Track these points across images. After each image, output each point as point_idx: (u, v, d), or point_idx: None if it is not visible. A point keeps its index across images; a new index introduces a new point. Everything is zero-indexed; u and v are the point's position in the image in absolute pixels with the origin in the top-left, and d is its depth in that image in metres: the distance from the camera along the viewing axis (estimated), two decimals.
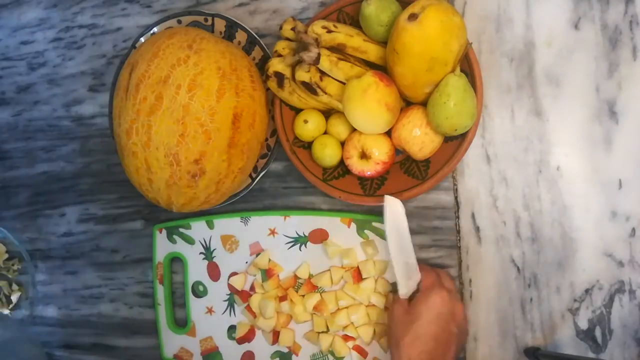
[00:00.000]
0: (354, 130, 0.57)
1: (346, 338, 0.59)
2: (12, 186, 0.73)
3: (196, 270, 0.64)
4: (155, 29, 0.64)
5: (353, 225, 0.60)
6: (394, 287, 0.58)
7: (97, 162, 0.70)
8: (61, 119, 0.71)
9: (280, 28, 0.57)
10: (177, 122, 0.51)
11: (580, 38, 0.58)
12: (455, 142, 0.56)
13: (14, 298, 0.72)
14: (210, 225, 0.63)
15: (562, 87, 0.58)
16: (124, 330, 0.69)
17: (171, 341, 0.64)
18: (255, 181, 0.61)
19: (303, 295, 0.60)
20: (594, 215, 0.57)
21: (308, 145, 0.60)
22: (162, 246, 0.65)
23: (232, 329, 0.63)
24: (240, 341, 0.62)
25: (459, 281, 0.59)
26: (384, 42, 0.55)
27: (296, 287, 0.61)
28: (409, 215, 0.60)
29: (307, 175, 0.58)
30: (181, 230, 0.64)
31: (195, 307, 0.64)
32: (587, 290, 0.57)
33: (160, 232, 0.65)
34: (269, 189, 0.64)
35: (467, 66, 0.54)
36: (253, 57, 0.62)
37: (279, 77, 0.56)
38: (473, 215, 0.59)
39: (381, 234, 0.59)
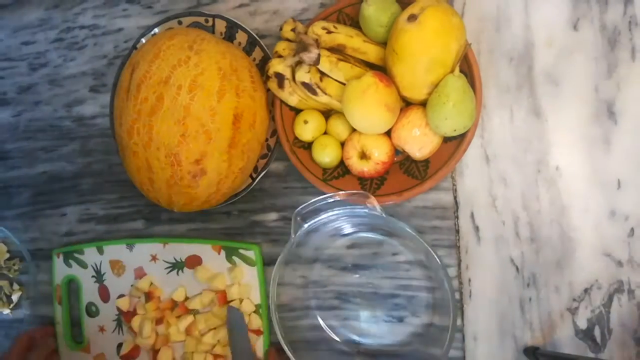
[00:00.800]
0: (353, 130, 0.57)
1: (216, 357, 0.63)
2: (13, 186, 0.73)
3: (89, 292, 0.69)
4: (156, 30, 0.64)
5: (223, 252, 0.64)
6: (257, 308, 0.63)
7: (98, 162, 0.70)
8: (62, 119, 0.71)
9: (281, 29, 0.57)
10: (178, 123, 0.51)
11: (579, 38, 0.58)
12: (454, 142, 0.56)
13: (15, 298, 0.72)
14: (100, 251, 0.68)
15: (561, 88, 0.58)
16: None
17: (69, 357, 0.69)
18: (256, 181, 0.62)
19: (179, 317, 0.65)
20: (592, 215, 0.57)
21: (308, 146, 0.60)
22: (60, 270, 0.70)
23: (120, 346, 0.67)
24: (125, 358, 0.66)
25: (458, 281, 0.59)
26: (383, 43, 0.55)
27: (173, 309, 0.65)
28: (410, 215, 0.60)
29: (307, 175, 0.58)
30: (76, 255, 0.69)
31: (89, 325, 0.69)
32: (586, 290, 0.57)
33: (58, 257, 0.70)
34: (269, 189, 0.64)
35: (466, 67, 0.54)
36: (253, 58, 0.62)
37: (279, 77, 0.56)
38: (472, 215, 0.60)
39: (247, 260, 0.63)
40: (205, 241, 0.64)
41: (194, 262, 0.65)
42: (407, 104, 0.57)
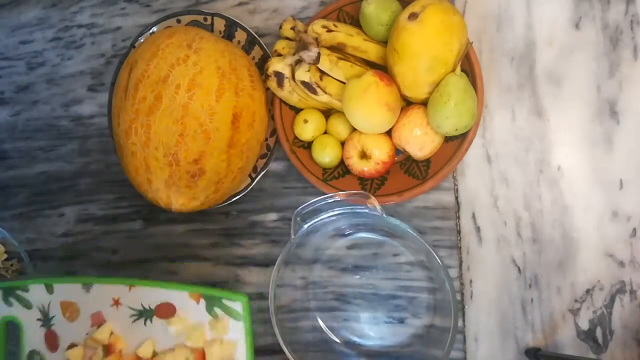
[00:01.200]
0: (354, 130, 0.57)
1: None
2: (11, 186, 0.73)
3: (33, 338, 0.58)
4: (154, 29, 0.64)
5: (202, 302, 0.55)
6: None
7: (96, 162, 0.69)
8: (60, 118, 0.71)
9: (280, 27, 0.57)
10: (177, 122, 0.50)
11: (581, 37, 0.57)
12: (455, 142, 0.55)
13: None
14: (50, 290, 0.58)
15: (563, 87, 0.58)
16: None
17: None
18: (255, 181, 0.61)
19: None
20: (594, 215, 0.57)
21: (308, 145, 0.59)
22: None
23: None
24: None
25: (459, 282, 0.59)
26: (384, 42, 0.55)
27: None
28: (410, 215, 0.60)
29: (307, 175, 0.58)
30: (18, 292, 0.58)
31: None
32: (588, 291, 0.57)
33: None
34: (269, 189, 0.64)
35: (467, 66, 0.54)
36: (253, 57, 0.62)
37: (279, 76, 0.55)
38: (474, 216, 0.59)
39: (232, 313, 0.55)
40: (181, 287, 0.56)
41: (166, 311, 0.56)
42: (408, 103, 0.57)
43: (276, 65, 0.55)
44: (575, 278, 0.57)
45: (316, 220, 0.54)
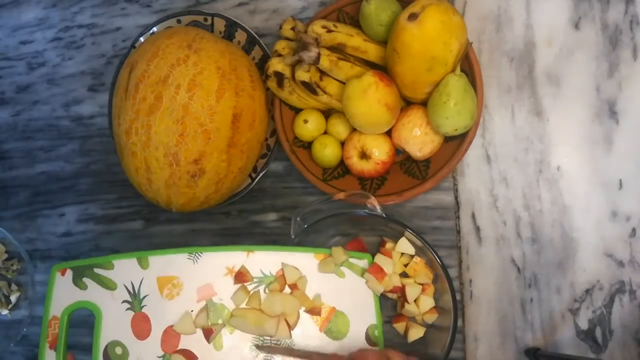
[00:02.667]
0: (354, 130, 0.57)
1: None
2: (12, 186, 0.73)
3: (114, 326, 0.49)
4: (154, 29, 0.64)
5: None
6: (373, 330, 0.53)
7: (96, 162, 0.69)
8: (60, 118, 0.71)
9: (280, 28, 0.57)
10: (177, 122, 0.50)
11: (581, 38, 0.57)
12: (455, 142, 0.55)
13: (13, 298, 0.71)
14: (144, 264, 0.50)
15: (562, 87, 0.58)
16: None
17: None
18: (255, 181, 0.61)
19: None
20: (594, 215, 0.57)
21: (308, 145, 0.59)
22: (64, 294, 0.50)
23: None
24: None
25: (459, 281, 0.59)
26: (384, 42, 0.55)
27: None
28: (410, 215, 0.60)
29: (307, 175, 0.58)
30: (97, 271, 0.50)
31: None
32: (587, 291, 0.57)
33: (63, 275, 0.50)
34: (269, 189, 0.64)
35: (467, 66, 0.54)
36: (253, 57, 0.62)
37: (279, 76, 0.55)
38: (473, 216, 0.59)
39: (358, 271, 0.54)
40: (307, 249, 0.53)
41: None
42: (407, 103, 0.57)
43: (276, 65, 0.55)
44: (575, 278, 0.57)
45: (316, 220, 0.54)
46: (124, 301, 0.50)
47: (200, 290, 0.51)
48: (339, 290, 0.53)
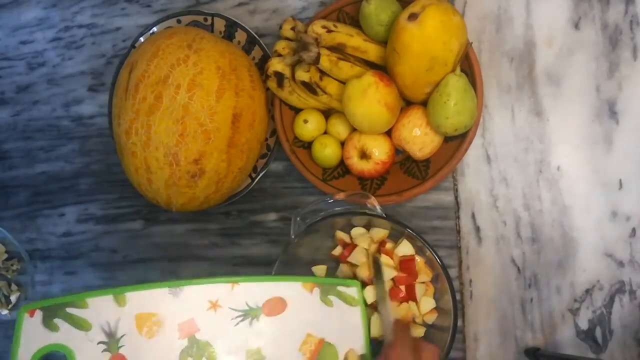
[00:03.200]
0: (354, 130, 0.57)
1: None
2: (12, 186, 0.72)
3: None
4: (154, 29, 0.64)
5: (316, 291, 0.51)
6: None
7: (96, 162, 0.69)
8: (60, 118, 0.71)
9: (280, 28, 0.57)
10: (177, 122, 0.50)
11: (581, 38, 0.57)
12: (455, 142, 0.55)
13: (13, 298, 0.71)
14: (121, 302, 0.47)
15: (562, 87, 0.58)
16: None
17: None
18: (255, 181, 0.61)
19: None
20: (594, 215, 0.57)
21: (308, 145, 0.59)
22: (33, 338, 0.45)
23: None
24: None
25: (459, 281, 0.59)
26: (384, 42, 0.55)
27: None
28: (410, 215, 0.60)
29: (307, 175, 0.58)
30: (70, 310, 0.46)
31: None
32: (587, 291, 0.57)
33: (32, 316, 0.46)
34: (269, 189, 0.64)
35: (467, 66, 0.54)
36: (253, 57, 0.62)
37: (279, 76, 0.55)
38: (473, 216, 0.59)
39: (347, 299, 0.52)
40: (293, 279, 0.51)
41: (276, 306, 0.50)
42: (407, 103, 0.57)
43: (276, 65, 0.55)
44: (575, 278, 0.57)
45: (316, 220, 0.54)
46: (100, 342, 0.46)
47: (181, 326, 0.47)
48: (328, 319, 0.51)
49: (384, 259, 0.54)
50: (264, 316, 0.49)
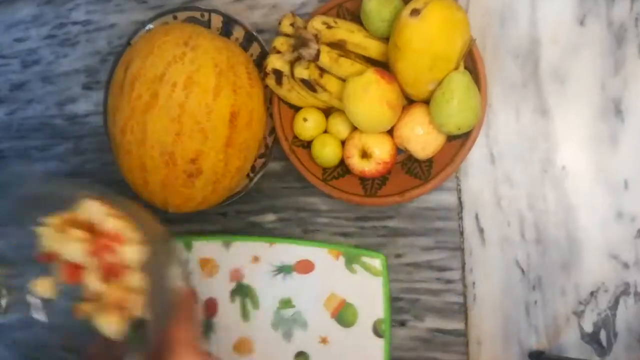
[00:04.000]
0: (354, 128, 0.57)
1: None
2: None
3: None
4: (150, 25, 0.63)
5: (341, 259, 0.59)
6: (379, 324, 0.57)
7: (91, 162, 0.69)
8: (55, 117, 0.70)
9: (279, 24, 0.56)
10: (173, 121, 0.50)
11: (586, 35, 0.57)
12: (458, 141, 0.55)
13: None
14: (188, 247, 0.62)
15: (567, 85, 0.57)
16: None
17: None
18: (253, 181, 0.61)
19: None
20: (599, 215, 0.57)
21: (307, 145, 0.59)
22: None
23: None
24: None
25: (462, 284, 0.59)
26: (385, 39, 0.54)
27: None
28: (412, 216, 0.59)
29: (307, 175, 0.57)
30: None
31: None
32: (592, 293, 0.57)
33: None
34: (268, 189, 0.63)
35: (470, 63, 0.53)
36: (251, 54, 0.61)
37: (278, 74, 0.55)
38: (477, 216, 0.59)
39: (371, 270, 0.58)
40: (321, 244, 0.59)
41: (305, 267, 0.59)
42: (409, 101, 0.56)
43: (275, 62, 0.55)
44: (580, 280, 0.57)
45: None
46: None
47: (231, 272, 0.61)
48: (350, 284, 0.59)
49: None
50: (295, 273, 0.59)
